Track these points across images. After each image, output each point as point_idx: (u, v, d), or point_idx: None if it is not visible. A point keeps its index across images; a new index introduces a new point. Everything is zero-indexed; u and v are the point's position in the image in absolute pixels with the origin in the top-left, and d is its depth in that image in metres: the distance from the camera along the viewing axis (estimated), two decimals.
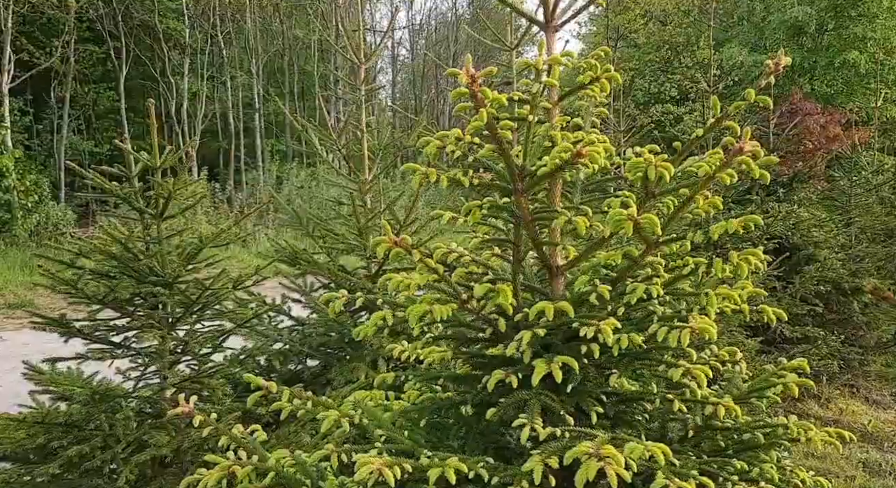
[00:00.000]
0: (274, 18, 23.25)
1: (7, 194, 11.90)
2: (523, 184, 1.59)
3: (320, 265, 3.70)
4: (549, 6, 1.73)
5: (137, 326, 2.89)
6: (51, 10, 16.29)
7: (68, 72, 17.73)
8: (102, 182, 3.00)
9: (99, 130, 20.41)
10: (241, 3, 20.35)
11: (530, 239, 1.71)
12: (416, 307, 1.59)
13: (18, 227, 11.92)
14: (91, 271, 2.93)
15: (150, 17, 19.37)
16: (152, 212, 3.09)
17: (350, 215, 3.95)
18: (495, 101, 1.41)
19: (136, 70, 20.31)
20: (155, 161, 3.15)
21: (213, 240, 3.11)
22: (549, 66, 1.60)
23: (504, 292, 1.53)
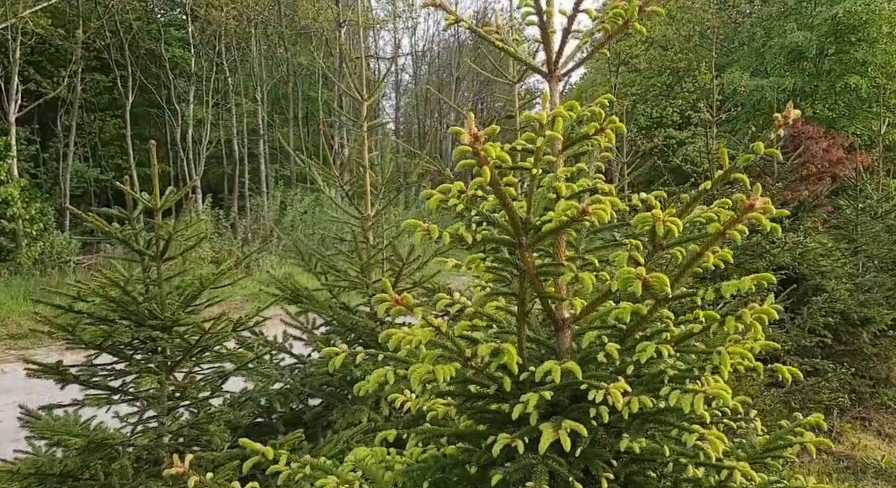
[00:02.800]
0: (279, 46, 23.53)
1: (12, 223, 11.93)
2: (528, 238, 1.55)
3: (321, 303, 3.65)
4: (552, 57, 1.71)
5: (136, 371, 2.83)
6: (59, 41, 16.52)
7: (75, 100, 17.92)
8: (102, 224, 2.98)
9: (104, 157, 20.57)
10: (247, 32, 20.61)
11: (536, 292, 1.67)
12: (418, 368, 1.54)
13: (22, 256, 11.93)
14: (89, 315, 2.89)
15: (157, 46, 19.62)
16: (152, 253, 3.06)
17: (352, 252, 3.92)
18: (499, 158, 1.38)
19: (141, 98, 20.52)
20: (155, 202, 3.12)
21: (213, 281, 3.08)
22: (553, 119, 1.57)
23: (509, 353, 1.48)
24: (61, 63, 17.47)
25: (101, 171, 19.62)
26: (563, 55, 1.72)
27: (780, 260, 5.29)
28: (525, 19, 1.66)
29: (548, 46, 1.68)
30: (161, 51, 19.48)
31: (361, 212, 3.86)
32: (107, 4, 18.09)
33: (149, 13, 20.18)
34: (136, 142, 20.04)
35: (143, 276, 3.06)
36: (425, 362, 1.63)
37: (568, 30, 1.65)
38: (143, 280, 3.05)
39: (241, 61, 22.17)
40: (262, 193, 21.56)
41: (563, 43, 1.68)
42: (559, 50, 1.69)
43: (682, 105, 18.35)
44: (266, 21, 21.61)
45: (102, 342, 2.73)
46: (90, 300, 2.92)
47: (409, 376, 1.57)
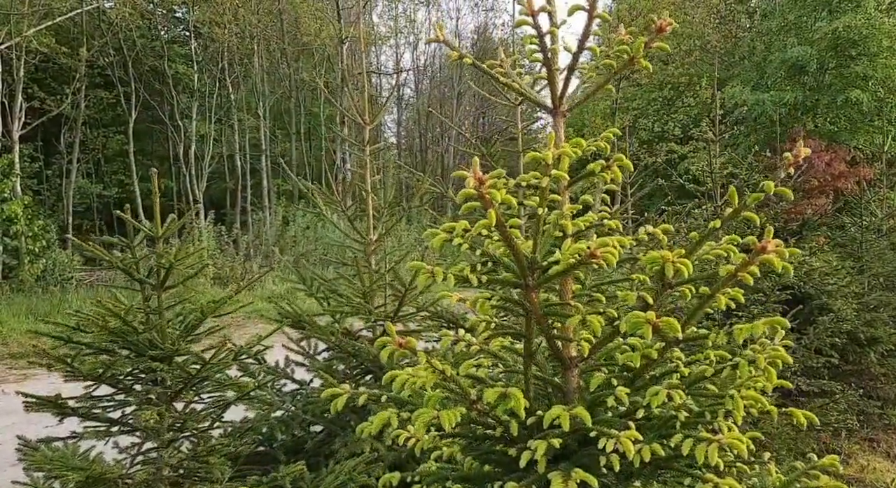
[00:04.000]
0: (281, 62, 23.66)
1: (15, 240, 11.94)
2: (534, 279, 1.52)
3: (323, 330, 3.62)
4: (556, 93, 1.69)
5: (135, 402, 2.79)
6: (63, 59, 16.63)
7: (78, 117, 18.01)
8: (102, 253, 2.95)
9: (107, 173, 20.64)
10: (249, 48, 20.74)
11: (543, 333, 1.63)
12: (423, 413, 1.50)
13: (25, 273, 11.92)
14: (88, 345, 2.86)
15: (160, 63, 19.75)
16: (153, 282, 3.03)
17: (354, 276, 3.89)
18: (504, 201, 1.36)
19: (144, 114, 20.62)
20: (157, 230, 3.10)
21: (214, 309, 3.04)
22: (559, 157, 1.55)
23: (516, 398, 1.44)
24: (65, 80, 17.58)
25: (103, 187, 19.68)
26: (568, 90, 1.70)
27: (785, 280, 5.25)
28: (530, 56, 1.65)
29: (552, 84, 1.67)
30: (164, 67, 19.60)
31: (364, 236, 3.84)
32: (111, 22, 18.22)
33: (152, 30, 20.33)
34: (139, 158, 20.11)
35: (143, 305, 3.03)
36: (430, 405, 1.60)
37: (573, 67, 1.64)
38: (143, 309, 3.02)
39: (244, 77, 22.29)
40: (264, 209, 21.60)
41: (567, 80, 1.66)
42: (563, 87, 1.67)
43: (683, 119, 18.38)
44: (268, 37, 21.75)
45: (102, 373, 2.69)
46: (90, 330, 2.88)
47: (414, 421, 1.53)
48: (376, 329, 3.86)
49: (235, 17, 19.21)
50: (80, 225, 18.51)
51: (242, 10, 19.31)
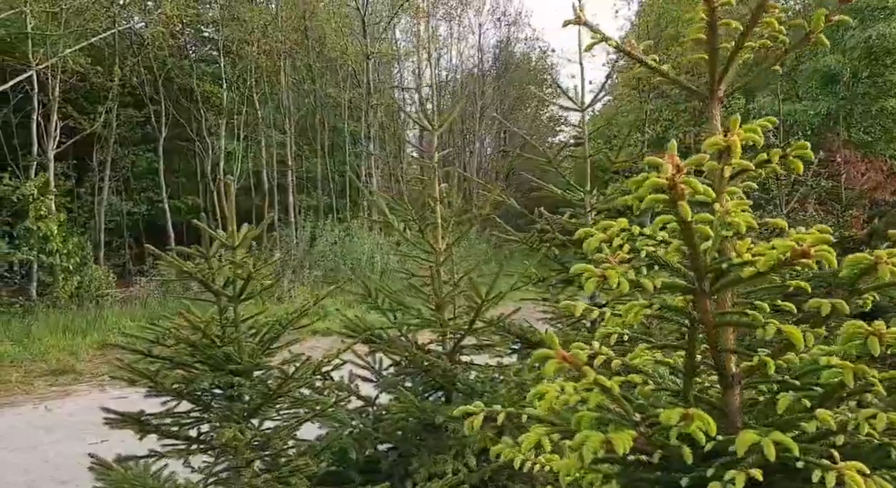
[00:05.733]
0: (306, 78, 23.83)
1: (50, 257, 12.00)
2: (711, 284, 1.37)
3: (396, 343, 3.48)
4: (715, 76, 1.55)
5: (215, 419, 2.67)
6: (96, 79, 16.85)
7: (110, 136, 18.21)
8: (180, 263, 2.85)
9: (137, 191, 20.79)
10: (276, 66, 20.89)
11: (709, 346, 1.48)
12: (590, 437, 1.34)
13: (60, 290, 11.95)
14: (165, 359, 2.75)
15: (189, 82, 19.94)
16: (229, 294, 2.92)
17: (423, 286, 3.76)
18: (705, 193, 1.20)
19: (173, 131, 20.79)
20: (233, 239, 2.99)
21: (292, 322, 2.92)
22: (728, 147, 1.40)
23: (703, 420, 1.28)
24: (98, 100, 17.80)
25: (133, 204, 19.83)
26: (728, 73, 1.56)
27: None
28: (692, 35, 1.51)
29: (713, 65, 1.52)
30: (193, 86, 19.79)
31: (433, 247, 3.70)
32: (143, 42, 18.48)
33: (182, 50, 20.56)
34: (168, 176, 20.25)
35: (219, 318, 2.92)
36: (584, 426, 1.44)
37: (740, 45, 1.49)
38: (219, 322, 2.91)
39: (271, 94, 22.45)
40: (290, 224, 21.60)
41: (731, 60, 1.51)
42: (724, 69, 1.53)
43: None
44: (295, 55, 21.93)
45: (183, 389, 2.57)
46: (167, 344, 2.78)
47: (577, 446, 1.37)
48: (446, 343, 3.72)
49: (264, 34, 19.40)
50: (110, 241, 18.63)
51: (270, 27, 19.50)
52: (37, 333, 9.45)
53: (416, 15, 25.16)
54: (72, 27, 15.59)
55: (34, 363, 8.28)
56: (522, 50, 34.16)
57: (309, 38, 21.74)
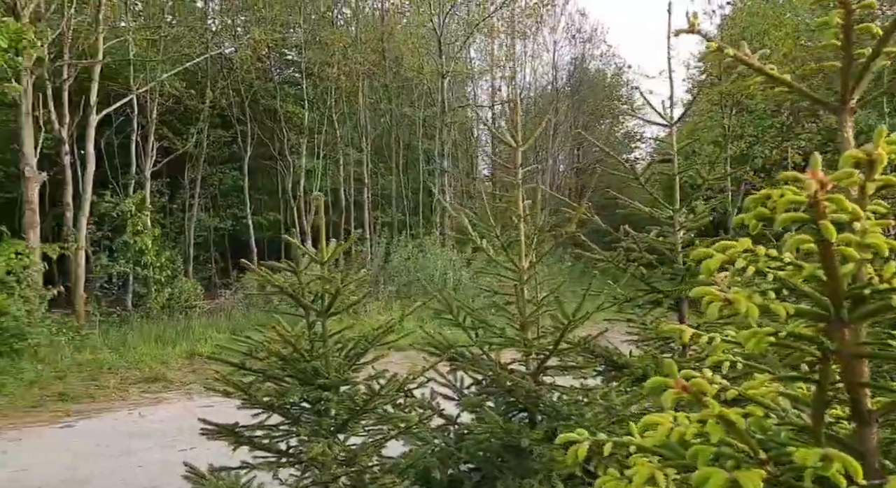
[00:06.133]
0: (383, 98, 24.39)
1: (145, 270, 12.69)
2: (849, 312, 1.25)
3: (479, 362, 3.42)
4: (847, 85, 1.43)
5: (304, 433, 2.69)
6: (189, 101, 17.85)
7: (200, 155, 19.22)
8: (272, 278, 2.92)
9: (223, 207, 21.81)
10: (355, 86, 21.50)
11: (843, 379, 1.35)
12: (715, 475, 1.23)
13: (153, 301, 12.61)
14: (257, 372, 2.80)
15: (273, 103, 20.83)
16: (318, 308, 2.96)
17: (506, 304, 3.70)
18: (853, 213, 1.10)
19: (257, 151, 21.73)
20: (323, 254, 3.04)
21: (378, 338, 2.93)
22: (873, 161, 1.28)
23: (845, 462, 1.16)
24: (190, 121, 18.86)
25: (219, 220, 20.77)
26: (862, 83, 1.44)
27: None
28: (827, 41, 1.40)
29: (845, 74, 1.41)
30: (277, 107, 20.64)
31: (517, 265, 3.64)
32: (232, 66, 19.46)
33: (267, 73, 21.52)
34: (252, 193, 21.15)
35: (307, 332, 2.96)
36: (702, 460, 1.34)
37: (877, 53, 1.38)
38: (308, 336, 2.95)
39: (349, 114, 23.11)
40: (365, 240, 22.06)
41: (865, 69, 1.40)
42: (859, 77, 1.41)
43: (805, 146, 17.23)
44: (372, 75, 22.51)
45: (275, 402, 2.61)
46: (259, 356, 2.84)
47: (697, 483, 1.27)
48: (530, 363, 3.63)
49: (344, 56, 20.02)
50: (197, 255, 19.57)
51: (351, 49, 20.11)
52: (132, 342, 9.99)
53: (490, 34, 25.34)
54: (169, 53, 16.62)
55: (129, 370, 8.74)
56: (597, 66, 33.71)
57: (386, 58, 22.28)
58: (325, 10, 21.34)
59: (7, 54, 9.57)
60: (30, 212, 11.30)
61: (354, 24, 21.54)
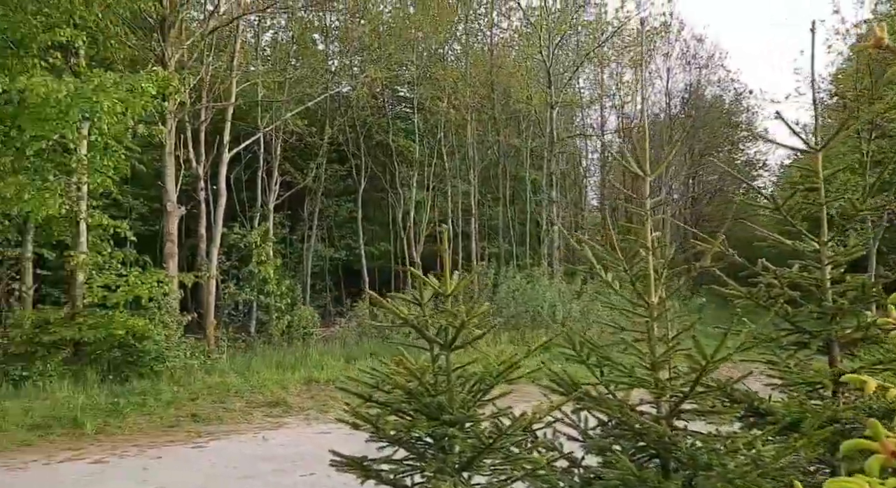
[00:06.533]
0: (491, 130, 24.66)
1: (268, 298, 13.40)
2: None
3: (607, 402, 3.24)
4: None
5: (429, 470, 2.65)
6: (310, 138, 18.93)
7: (318, 188, 20.23)
8: (398, 310, 2.93)
9: (337, 238, 22.77)
10: (464, 119, 21.91)
11: None
12: None
13: (274, 328, 13.25)
14: (384, 405, 2.80)
15: (385, 137, 21.65)
16: (442, 342, 2.93)
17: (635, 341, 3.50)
18: None
19: (370, 183, 22.58)
20: (446, 286, 3.02)
21: (504, 373, 2.85)
22: None
23: None
24: (310, 156, 19.97)
25: (335, 251, 21.64)
26: None
27: None
28: None
29: None
30: (389, 141, 21.41)
31: (646, 300, 3.45)
32: (349, 104, 20.48)
33: (380, 109, 22.44)
34: (364, 224, 21.94)
35: (431, 366, 2.94)
36: None
37: None
38: (432, 370, 2.93)
39: (458, 146, 23.54)
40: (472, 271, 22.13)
41: None
42: None
43: None
44: (482, 108, 22.86)
45: (402, 437, 2.59)
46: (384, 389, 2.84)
47: None
48: (662, 405, 3.40)
49: (454, 91, 20.49)
50: (314, 284, 20.46)
51: (460, 84, 20.56)
52: (255, 367, 10.52)
53: (600, 63, 25.05)
54: (293, 94, 17.76)
55: (253, 394, 9.18)
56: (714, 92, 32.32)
57: (495, 91, 22.57)
58: (436, 48, 22.03)
59: (155, 100, 10.59)
60: (170, 244, 12.32)
61: (464, 60, 22.05)
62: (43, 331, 9.53)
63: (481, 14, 22.84)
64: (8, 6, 9.47)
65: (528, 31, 21.37)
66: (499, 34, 23.74)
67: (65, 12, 9.52)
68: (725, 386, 3.17)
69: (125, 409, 7.97)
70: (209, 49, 14.89)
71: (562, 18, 20.71)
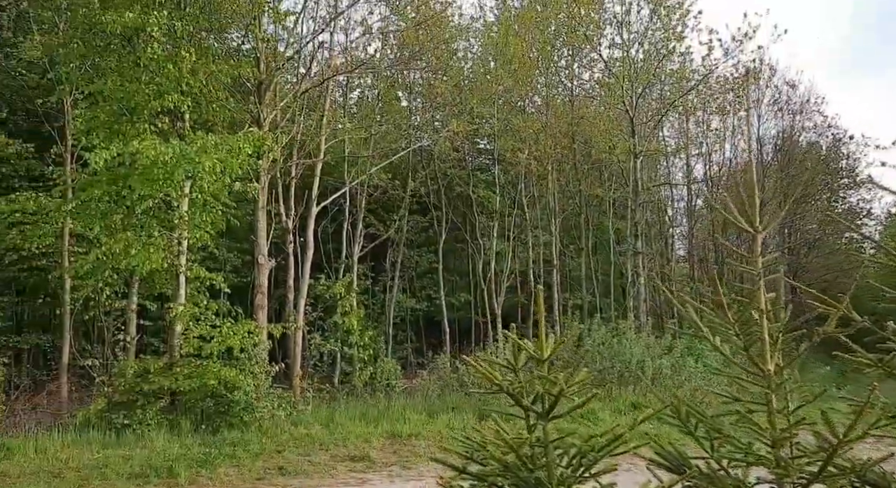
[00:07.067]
0: (573, 180, 24.45)
1: (351, 349, 13.53)
2: None
3: (721, 481, 2.94)
4: None
5: None
6: (393, 191, 19.40)
7: (400, 240, 20.56)
8: (491, 375, 2.80)
9: (418, 289, 22.91)
10: (545, 170, 21.86)
11: None
12: None
13: (357, 379, 13.31)
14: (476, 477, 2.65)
15: (466, 189, 21.86)
16: (539, 410, 2.77)
17: (749, 412, 3.19)
18: None
19: (450, 234, 22.75)
20: (542, 351, 2.88)
21: (611, 448, 2.64)
22: None
23: None
24: (393, 209, 20.42)
25: (416, 301, 21.75)
26: None
27: None
28: None
29: None
30: (469, 192, 21.60)
31: (762, 368, 3.15)
32: (431, 157, 20.94)
33: (461, 161, 22.78)
34: (445, 275, 22.00)
35: (528, 437, 2.77)
36: None
37: None
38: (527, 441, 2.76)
39: (538, 197, 23.44)
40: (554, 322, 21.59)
41: None
42: None
43: None
44: (563, 158, 22.78)
45: None
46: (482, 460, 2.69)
47: None
48: (785, 487, 3.06)
49: (535, 142, 20.56)
50: (395, 335, 20.56)
51: (541, 135, 20.62)
52: (339, 419, 10.52)
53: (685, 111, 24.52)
54: (377, 149, 18.36)
55: (337, 447, 9.14)
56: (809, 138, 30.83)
57: (576, 141, 22.46)
58: (518, 101, 22.30)
59: (251, 159, 11.18)
60: (260, 295, 12.75)
61: (545, 111, 22.17)
62: (144, 380, 9.96)
63: (562, 67, 23.01)
64: (125, 77, 10.36)
65: (611, 81, 21.28)
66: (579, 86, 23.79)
67: (173, 81, 10.29)
68: (862, 468, 2.81)
69: (216, 460, 8.10)
70: (300, 109, 15.69)
71: (645, 68, 20.52)
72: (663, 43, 20.32)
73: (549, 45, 20.87)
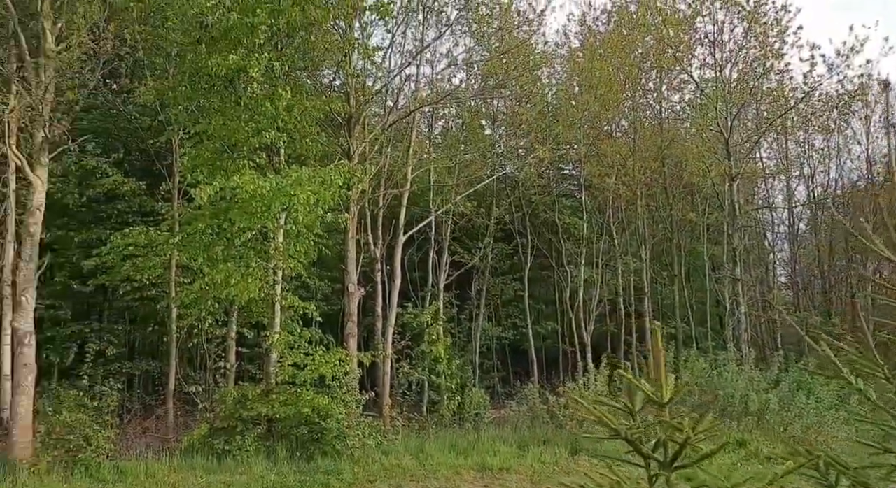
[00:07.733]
0: (664, 205, 23.59)
1: (439, 378, 13.45)
2: None
3: None
4: None
5: None
6: (478, 219, 19.40)
7: (485, 268, 20.46)
8: (608, 419, 2.61)
9: (504, 317, 22.63)
10: (634, 194, 21.22)
11: None
12: None
13: (445, 408, 13.19)
14: None
15: (551, 215, 21.54)
16: (660, 459, 2.54)
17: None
18: None
19: (535, 261, 22.40)
20: (663, 394, 2.66)
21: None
22: None
23: None
24: (477, 236, 20.38)
25: (502, 330, 21.48)
26: None
27: None
28: None
29: None
30: (555, 219, 21.26)
31: None
32: (515, 184, 20.83)
33: (546, 188, 22.51)
34: (531, 303, 21.62)
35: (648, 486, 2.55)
36: None
37: None
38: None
39: (627, 222, 22.75)
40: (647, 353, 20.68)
41: None
42: None
43: None
44: (652, 183, 22.07)
45: None
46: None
47: None
48: None
49: (623, 166, 20.05)
50: (481, 364, 20.33)
51: (630, 159, 20.09)
52: (428, 449, 10.42)
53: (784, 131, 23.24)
54: (462, 177, 18.46)
55: (427, 479, 9.02)
56: None
57: (666, 165, 21.73)
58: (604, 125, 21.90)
59: (342, 190, 11.47)
60: (350, 324, 12.96)
61: (633, 135, 21.62)
62: (242, 406, 10.27)
63: (650, 90, 22.44)
64: (227, 117, 10.94)
65: (703, 102, 20.52)
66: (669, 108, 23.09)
67: (271, 118, 10.76)
68: None
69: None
70: (388, 141, 16.06)
71: (739, 87, 19.66)
72: (759, 61, 19.43)
73: (636, 67, 20.41)
